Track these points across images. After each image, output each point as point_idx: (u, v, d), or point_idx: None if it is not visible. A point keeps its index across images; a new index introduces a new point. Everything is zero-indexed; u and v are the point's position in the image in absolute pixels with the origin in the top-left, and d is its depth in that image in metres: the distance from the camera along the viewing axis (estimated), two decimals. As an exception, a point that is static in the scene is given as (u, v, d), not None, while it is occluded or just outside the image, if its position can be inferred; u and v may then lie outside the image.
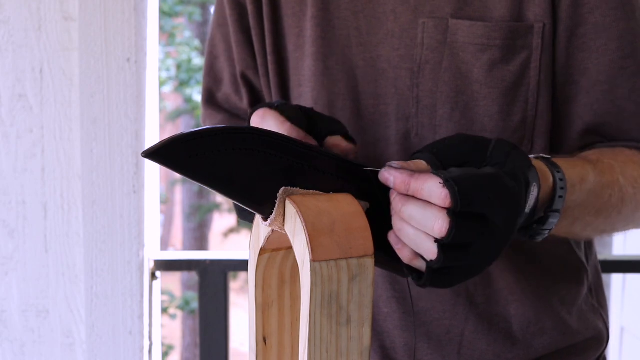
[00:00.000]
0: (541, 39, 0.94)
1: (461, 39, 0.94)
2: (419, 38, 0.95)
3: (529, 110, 0.95)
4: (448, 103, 0.95)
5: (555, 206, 0.80)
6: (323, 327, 0.67)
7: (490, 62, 0.94)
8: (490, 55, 0.93)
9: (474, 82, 0.94)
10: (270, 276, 0.77)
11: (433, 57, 0.95)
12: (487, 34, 0.93)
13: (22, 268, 1.73)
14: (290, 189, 0.69)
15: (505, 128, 0.95)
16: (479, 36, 0.93)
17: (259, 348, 0.77)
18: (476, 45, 0.94)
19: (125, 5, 1.65)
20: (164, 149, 0.64)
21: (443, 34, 0.95)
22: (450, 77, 0.95)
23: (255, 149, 0.67)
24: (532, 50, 0.94)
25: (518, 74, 0.94)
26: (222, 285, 1.77)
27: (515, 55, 0.94)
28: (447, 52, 0.95)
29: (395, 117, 0.97)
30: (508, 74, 0.94)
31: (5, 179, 1.71)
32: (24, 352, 1.75)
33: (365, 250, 0.68)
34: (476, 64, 0.94)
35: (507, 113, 0.95)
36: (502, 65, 0.94)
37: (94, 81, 1.66)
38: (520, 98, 0.95)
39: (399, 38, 0.97)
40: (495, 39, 0.93)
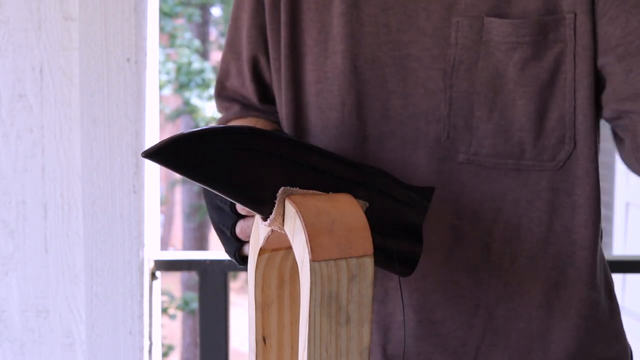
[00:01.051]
0: (573, 30, 0.90)
1: (495, 37, 0.92)
2: (452, 37, 0.93)
3: (566, 108, 0.92)
4: (486, 104, 0.93)
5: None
6: (322, 327, 0.67)
7: (522, 60, 0.91)
8: (522, 53, 0.91)
9: (509, 81, 0.92)
10: (269, 276, 0.77)
11: (468, 56, 0.92)
12: (515, 31, 0.91)
13: (22, 268, 1.73)
14: (289, 188, 0.69)
15: (542, 127, 0.92)
16: (507, 34, 0.91)
17: (258, 348, 0.77)
18: (507, 43, 0.91)
19: (125, 5, 1.65)
20: (164, 149, 0.64)
21: (478, 32, 0.92)
22: (487, 77, 0.92)
23: (255, 149, 0.68)
24: (566, 44, 0.91)
25: (552, 70, 0.91)
26: (222, 285, 1.77)
27: (548, 50, 0.91)
28: (482, 51, 0.92)
29: (425, 119, 0.95)
30: (542, 70, 0.91)
31: (5, 179, 1.71)
32: (24, 352, 1.75)
33: (364, 250, 0.68)
34: (509, 62, 0.91)
35: (544, 111, 0.92)
36: (535, 62, 0.91)
37: (94, 81, 1.67)
38: (556, 95, 0.92)
39: (430, 37, 0.94)
40: (524, 36, 0.91)
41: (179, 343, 8.17)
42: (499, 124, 0.93)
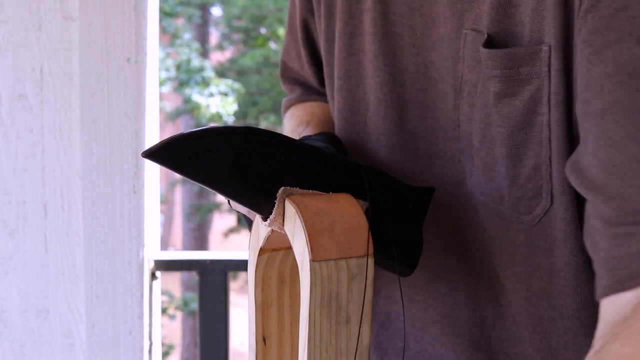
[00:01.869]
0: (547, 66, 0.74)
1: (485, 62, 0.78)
2: (460, 52, 0.80)
3: (542, 156, 0.77)
4: (478, 134, 0.80)
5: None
6: (322, 327, 0.67)
7: (495, 94, 0.77)
8: (495, 87, 0.77)
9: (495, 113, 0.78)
10: (269, 276, 0.77)
11: (470, 77, 0.80)
12: (487, 61, 0.77)
13: (22, 268, 1.73)
14: (289, 188, 0.69)
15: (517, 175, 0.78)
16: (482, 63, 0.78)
17: (258, 348, 0.77)
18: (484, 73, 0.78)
19: (125, 5, 1.65)
20: (163, 149, 0.64)
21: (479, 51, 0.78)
22: (481, 105, 0.79)
23: (255, 149, 0.68)
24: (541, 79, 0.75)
25: (527, 110, 0.76)
26: (222, 285, 1.77)
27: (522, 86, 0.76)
28: (481, 75, 0.79)
29: (443, 136, 0.84)
30: (514, 110, 0.77)
31: (5, 179, 1.71)
32: (24, 352, 1.75)
33: (364, 250, 0.68)
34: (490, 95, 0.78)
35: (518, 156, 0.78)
36: (508, 99, 0.77)
37: (94, 81, 1.67)
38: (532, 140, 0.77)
39: (447, 46, 0.82)
40: (494, 68, 0.76)
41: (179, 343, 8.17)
42: (484, 160, 0.81)
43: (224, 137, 0.66)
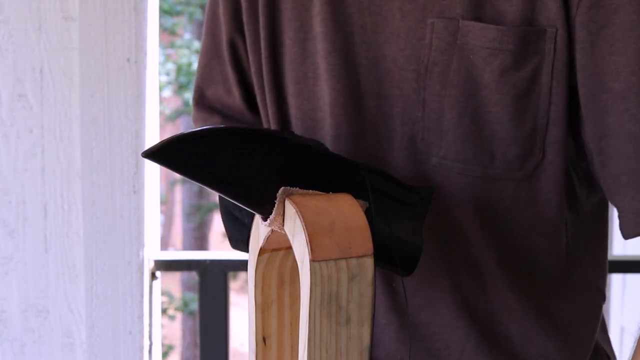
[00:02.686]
0: (553, 44, 0.89)
1: (472, 42, 0.90)
2: (427, 38, 0.91)
3: (540, 118, 0.91)
4: (456, 108, 0.91)
5: None
6: (323, 327, 0.67)
7: (502, 67, 0.90)
8: (502, 60, 0.89)
9: (484, 87, 0.90)
10: (269, 276, 0.77)
11: (442, 59, 0.91)
12: (500, 37, 0.89)
13: (22, 268, 1.73)
14: (289, 188, 0.69)
15: (515, 136, 0.91)
16: (491, 40, 0.89)
17: (258, 348, 0.77)
18: (488, 49, 0.90)
19: (125, 5, 1.65)
20: (163, 149, 0.64)
21: (453, 35, 0.90)
22: (459, 81, 0.91)
23: (255, 149, 0.68)
24: (543, 56, 0.89)
25: (529, 80, 0.90)
26: (222, 285, 1.77)
27: (527, 60, 0.90)
28: (456, 54, 0.91)
29: (401, 120, 0.93)
30: (519, 79, 0.90)
31: (5, 179, 1.71)
32: (24, 352, 1.75)
33: (364, 250, 0.68)
34: (487, 68, 0.90)
35: (519, 120, 0.91)
36: (514, 71, 0.90)
37: (94, 81, 1.67)
38: (531, 105, 0.91)
39: (404, 38, 0.92)
40: (507, 44, 0.89)
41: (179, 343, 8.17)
42: (468, 129, 0.91)
43: (223, 136, 0.66)
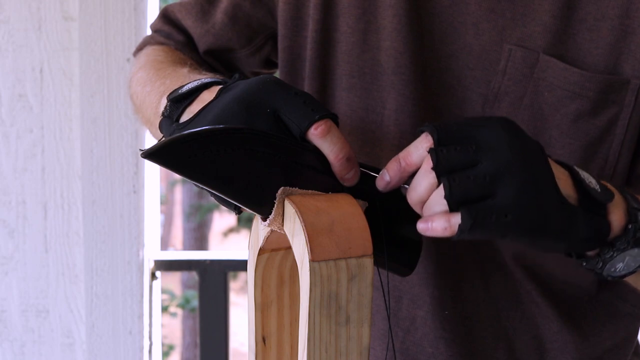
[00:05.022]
0: (635, 96, 0.86)
1: (550, 79, 0.86)
2: (501, 65, 0.86)
3: (607, 169, 0.87)
4: None
5: None
6: (322, 327, 0.67)
7: (578, 112, 0.86)
8: (579, 105, 0.85)
9: (554, 127, 0.86)
10: (269, 276, 0.77)
11: (515, 89, 0.86)
12: (581, 82, 0.85)
13: (22, 268, 1.73)
14: (289, 189, 0.69)
15: None
16: (571, 83, 0.85)
17: (258, 348, 0.77)
18: (566, 90, 0.85)
19: (125, 5, 1.65)
20: (162, 149, 0.64)
21: (531, 67, 0.86)
22: (529, 116, 0.86)
23: (254, 149, 0.68)
24: (622, 107, 0.86)
25: (603, 129, 0.86)
26: (222, 285, 1.77)
27: (605, 109, 0.86)
28: (530, 88, 0.86)
29: None
30: (593, 128, 0.86)
31: (5, 179, 1.71)
32: (24, 352, 1.75)
33: (364, 250, 0.68)
34: (561, 109, 0.86)
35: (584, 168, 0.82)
36: (589, 118, 0.86)
37: (94, 81, 1.67)
38: (600, 155, 0.87)
39: (476, 58, 0.87)
40: (588, 90, 0.85)
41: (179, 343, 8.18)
42: None
43: (223, 137, 0.66)
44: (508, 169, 0.66)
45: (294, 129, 0.69)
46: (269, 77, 0.72)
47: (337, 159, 0.69)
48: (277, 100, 0.69)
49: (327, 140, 0.69)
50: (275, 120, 0.69)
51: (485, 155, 0.66)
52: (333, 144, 0.69)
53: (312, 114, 0.69)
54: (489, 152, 0.66)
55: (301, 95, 0.70)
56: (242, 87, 0.71)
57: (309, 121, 0.68)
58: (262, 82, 0.71)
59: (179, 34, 1.01)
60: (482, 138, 0.66)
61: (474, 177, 0.65)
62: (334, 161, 0.69)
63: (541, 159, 0.68)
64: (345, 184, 0.70)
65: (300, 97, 0.70)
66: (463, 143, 0.66)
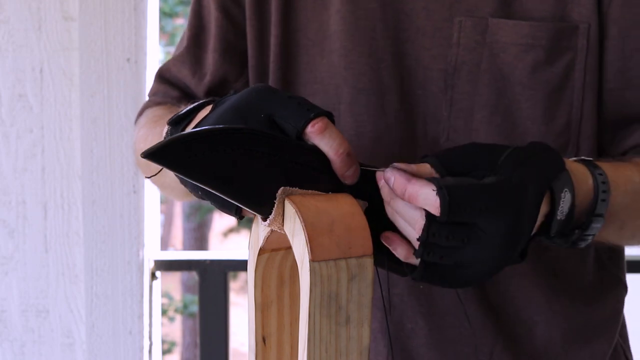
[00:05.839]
0: (586, 40, 0.90)
1: (502, 39, 0.90)
2: (454, 37, 0.91)
3: (573, 114, 0.91)
4: (487, 106, 0.91)
5: (597, 210, 0.77)
6: (322, 327, 0.67)
7: (534, 63, 0.90)
8: (535, 56, 0.90)
9: (516, 84, 0.90)
10: (269, 276, 0.77)
11: (471, 58, 0.91)
12: (532, 33, 0.89)
13: (22, 268, 1.73)
14: (289, 189, 0.69)
15: (548, 132, 0.91)
16: (523, 36, 0.90)
17: (258, 348, 0.77)
18: (519, 45, 0.90)
19: (125, 5, 1.65)
20: (162, 149, 0.64)
21: (482, 34, 0.91)
22: (489, 79, 0.91)
23: (254, 149, 0.68)
24: (576, 52, 0.90)
25: (562, 75, 0.90)
26: (222, 285, 1.77)
27: (560, 56, 0.90)
28: (486, 53, 0.91)
29: (423, 120, 0.93)
30: (552, 76, 0.90)
31: (5, 179, 1.71)
32: (24, 352, 1.75)
33: (364, 250, 0.68)
34: (518, 65, 0.90)
35: (551, 116, 0.91)
36: (546, 67, 0.90)
37: (94, 81, 1.67)
38: (564, 101, 0.91)
39: (430, 37, 0.92)
40: (540, 39, 0.89)
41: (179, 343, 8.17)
42: (501, 127, 0.91)
43: (223, 137, 0.66)
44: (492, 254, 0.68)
45: (290, 130, 0.70)
46: (262, 85, 0.74)
47: (337, 154, 0.69)
48: (270, 104, 0.70)
49: (325, 136, 0.69)
50: (270, 124, 0.70)
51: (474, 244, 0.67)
52: (332, 140, 0.69)
53: (307, 113, 0.70)
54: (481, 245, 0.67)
55: (294, 97, 0.71)
56: (236, 97, 0.72)
57: (304, 120, 0.69)
58: (254, 90, 0.72)
59: (173, 89, 1.06)
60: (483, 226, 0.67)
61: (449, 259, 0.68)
62: (334, 157, 0.69)
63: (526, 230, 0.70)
64: (346, 182, 0.71)
65: (293, 99, 0.71)
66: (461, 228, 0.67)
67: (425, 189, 0.67)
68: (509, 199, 0.68)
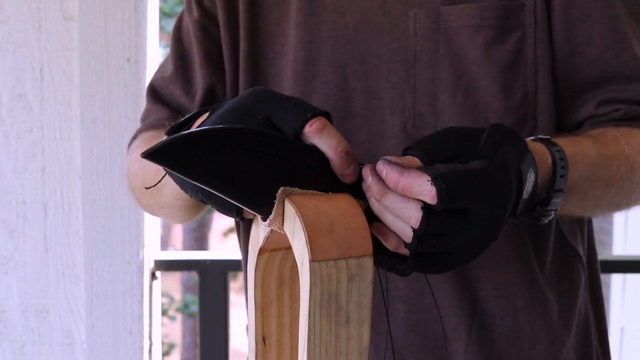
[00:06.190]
0: (533, 15, 0.95)
1: (454, 24, 0.95)
2: (411, 29, 0.96)
3: (529, 87, 0.96)
4: (449, 88, 0.96)
5: (557, 186, 0.80)
6: (322, 327, 0.67)
7: (486, 42, 0.95)
8: (485, 35, 0.95)
9: (472, 64, 0.95)
10: (269, 276, 0.77)
11: (428, 45, 0.96)
12: (480, 14, 0.95)
13: (22, 268, 1.73)
14: (289, 189, 0.69)
15: (508, 106, 0.96)
16: (472, 17, 0.95)
17: (258, 348, 0.77)
18: (470, 27, 0.95)
19: (125, 5, 1.65)
20: (162, 149, 0.64)
21: (435, 21, 0.96)
22: (448, 63, 0.96)
23: (254, 149, 0.68)
24: (525, 28, 0.95)
25: (514, 51, 0.95)
26: (222, 285, 1.77)
27: (510, 33, 0.95)
28: (441, 39, 0.96)
29: (390, 111, 0.97)
30: (505, 52, 0.95)
31: (5, 179, 1.71)
32: (24, 352, 1.75)
33: (364, 250, 0.68)
34: (472, 45, 0.95)
35: (509, 91, 0.96)
36: (498, 45, 0.95)
37: (94, 81, 1.67)
38: (519, 75, 0.96)
39: (389, 32, 0.97)
40: (488, 19, 0.95)
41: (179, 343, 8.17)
42: (463, 107, 0.96)
43: (223, 137, 0.66)
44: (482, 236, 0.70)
45: (287, 131, 0.70)
46: (259, 87, 0.75)
47: (336, 153, 0.70)
48: (267, 106, 0.71)
49: (323, 136, 0.70)
50: (268, 126, 0.70)
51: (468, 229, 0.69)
52: (330, 139, 0.70)
53: (304, 113, 0.70)
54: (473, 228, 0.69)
55: (291, 98, 0.72)
56: (234, 100, 0.73)
57: (302, 120, 0.70)
58: (252, 92, 0.73)
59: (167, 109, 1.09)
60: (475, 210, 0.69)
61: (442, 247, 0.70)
62: (333, 156, 0.70)
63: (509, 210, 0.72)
64: (345, 180, 0.71)
65: (290, 100, 0.71)
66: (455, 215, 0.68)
67: (419, 179, 0.67)
68: (498, 181, 0.70)
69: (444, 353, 0.98)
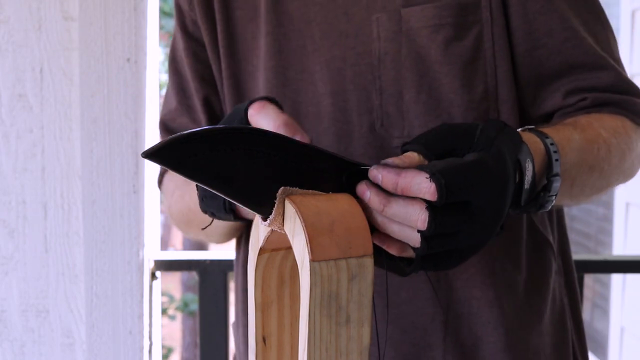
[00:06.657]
0: (489, 12, 0.98)
1: (415, 25, 0.98)
2: (374, 33, 0.99)
3: (489, 82, 0.99)
4: (413, 87, 0.98)
5: (555, 170, 0.82)
6: (322, 327, 0.67)
7: (445, 41, 0.98)
8: (445, 34, 0.98)
9: (434, 62, 0.98)
10: (269, 276, 0.77)
11: (392, 47, 0.99)
12: (438, 14, 0.97)
13: (22, 268, 1.73)
14: (289, 188, 0.69)
15: (470, 100, 0.99)
16: (430, 17, 0.97)
17: (258, 348, 0.77)
18: (429, 27, 0.98)
19: (125, 5, 1.65)
20: (163, 149, 0.64)
21: (397, 24, 0.98)
22: (411, 63, 0.98)
23: (254, 149, 0.68)
24: (482, 24, 0.98)
25: (473, 48, 0.98)
26: (222, 285, 1.77)
27: (468, 31, 0.98)
28: (404, 40, 0.99)
29: (357, 112, 1.00)
30: (464, 49, 0.98)
31: (5, 179, 1.71)
32: (24, 352, 1.75)
33: (364, 250, 0.68)
34: (432, 45, 0.98)
35: (470, 86, 0.99)
36: (457, 42, 0.98)
37: (94, 81, 1.67)
38: (479, 70, 0.99)
39: (354, 37, 1.00)
40: (446, 18, 0.97)
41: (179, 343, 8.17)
42: (427, 104, 0.98)
43: (223, 137, 0.66)
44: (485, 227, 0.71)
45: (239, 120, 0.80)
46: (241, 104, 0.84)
47: (275, 125, 0.77)
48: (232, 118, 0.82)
49: (261, 114, 0.78)
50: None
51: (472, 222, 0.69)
52: (268, 116, 0.78)
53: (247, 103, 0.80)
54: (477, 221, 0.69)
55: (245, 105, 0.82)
56: None
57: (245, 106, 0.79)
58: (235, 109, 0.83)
59: None
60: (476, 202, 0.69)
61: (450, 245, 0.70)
62: (273, 129, 0.76)
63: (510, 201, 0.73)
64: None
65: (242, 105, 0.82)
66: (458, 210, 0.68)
67: (417, 177, 0.68)
68: (495, 169, 0.70)
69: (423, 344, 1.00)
